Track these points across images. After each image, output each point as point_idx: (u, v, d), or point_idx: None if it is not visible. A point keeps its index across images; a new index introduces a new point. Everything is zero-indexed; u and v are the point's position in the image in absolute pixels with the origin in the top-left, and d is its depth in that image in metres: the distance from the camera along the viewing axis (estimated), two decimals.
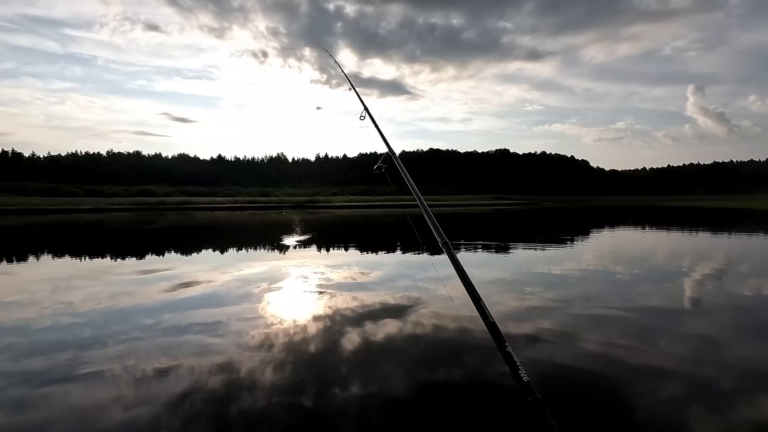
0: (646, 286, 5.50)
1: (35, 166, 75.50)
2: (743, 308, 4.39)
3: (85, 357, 3.03)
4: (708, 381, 2.65)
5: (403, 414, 2.26)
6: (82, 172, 73.03)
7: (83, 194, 51.27)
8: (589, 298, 4.78)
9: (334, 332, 3.57)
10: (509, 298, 4.76)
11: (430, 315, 4.05)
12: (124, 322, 3.95)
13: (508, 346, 0.78)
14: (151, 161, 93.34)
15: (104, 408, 2.31)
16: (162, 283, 5.64)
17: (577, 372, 2.76)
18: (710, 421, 2.21)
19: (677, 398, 2.43)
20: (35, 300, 4.86)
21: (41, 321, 4.00)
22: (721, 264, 7.41)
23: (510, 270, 6.88)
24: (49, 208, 32.85)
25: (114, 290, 5.30)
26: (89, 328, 3.75)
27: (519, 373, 0.74)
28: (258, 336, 3.47)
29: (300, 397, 2.43)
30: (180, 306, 4.52)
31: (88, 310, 4.36)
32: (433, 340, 3.39)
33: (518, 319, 3.89)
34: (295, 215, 26.97)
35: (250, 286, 5.48)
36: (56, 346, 3.29)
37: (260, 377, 2.69)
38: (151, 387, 2.56)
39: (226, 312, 4.23)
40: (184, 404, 2.34)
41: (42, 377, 2.71)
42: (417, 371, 2.79)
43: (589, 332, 3.53)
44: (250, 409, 2.29)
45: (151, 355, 3.07)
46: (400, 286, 5.46)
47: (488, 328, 0.85)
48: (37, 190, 48.75)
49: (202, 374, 2.73)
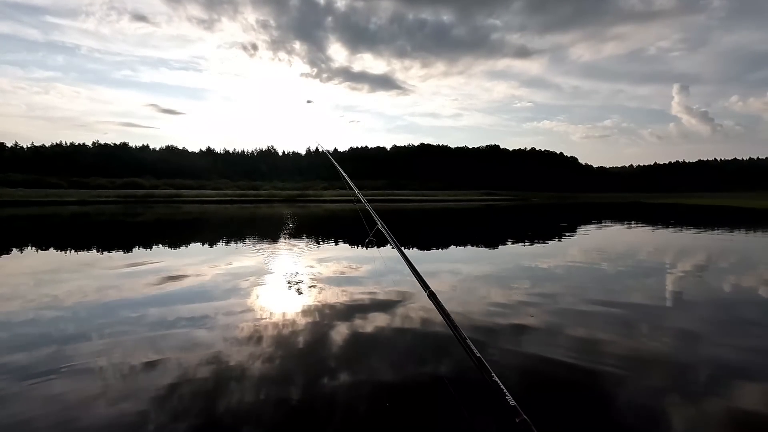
0: (622, 281, 5.60)
1: (17, 156, 73.64)
2: (719, 303, 4.51)
3: (69, 351, 3.00)
4: (686, 374, 2.72)
5: (391, 406, 2.28)
6: (67, 163, 71.44)
7: (67, 186, 50.21)
8: (564, 293, 4.86)
9: (323, 325, 3.58)
10: (492, 292, 4.81)
11: (418, 308, 4.07)
12: (110, 315, 3.90)
13: (494, 375, 0.86)
14: (139, 153, 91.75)
15: (89, 403, 2.28)
16: (149, 277, 5.58)
17: (557, 366, 2.81)
18: (687, 412, 2.27)
19: (657, 391, 2.49)
20: (17, 293, 4.78)
21: (24, 314, 3.93)
22: (699, 261, 7.57)
23: (493, 265, 6.95)
24: (33, 200, 32.15)
25: (100, 284, 5.23)
26: (73, 322, 3.70)
27: (506, 399, 0.81)
28: (246, 329, 3.46)
29: (287, 390, 2.43)
30: (167, 300, 4.47)
31: (72, 303, 4.30)
32: (421, 333, 3.42)
33: (491, 316, 3.94)
34: (285, 209, 26.81)
35: (239, 279, 5.45)
36: (39, 340, 3.24)
37: (248, 370, 2.69)
38: (137, 381, 2.54)
39: (214, 306, 4.20)
40: (171, 398, 2.33)
41: (24, 372, 2.67)
42: (405, 364, 2.81)
43: (569, 326, 3.59)
44: (237, 403, 2.29)
45: (137, 349, 3.04)
46: (389, 280, 5.48)
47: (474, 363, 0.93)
48: (20, 181, 47.58)
49: (189, 368, 2.71)
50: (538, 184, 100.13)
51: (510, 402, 0.80)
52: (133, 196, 39.66)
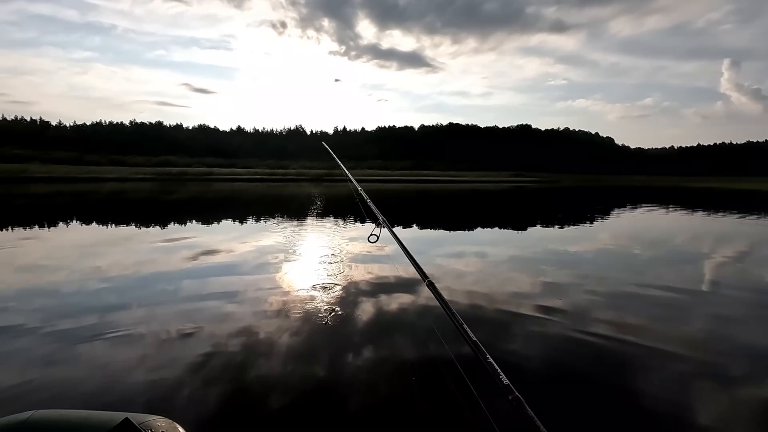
0: (654, 267, 5.40)
1: (61, 135, 77.31)
2: (759, 292, 4.30)
3: (112, 319, 3.19)
4: (715, 364, 2.63)
5: (412, 382, 2.32)
6: (105, 142, 74.50)
7: (107, 163, 52.48)
8: (592, 277, 4.74)
9: (347, 303, 3.65)
10: (517, 276, 4.76)
11: (442, 288, 4.08)
12: (148, 287, 4.11)
13: (489, 357, 0.92)
14: (172, 131, 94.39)
15: (129, 368, 2.44)
16: (183, 251, 5.81)
17: (580, 346, 2.77)
18: (714, 401, 2.20)
19: (681, 379, 2.43)
20: (64, 265, 5.08)
21: (70, 285, 4.19)
22: (740, 248, 7.20)
23: (520, 248, 6.85)
24: (76, 177, 33.83)
25: (138, 257, 5.49)
26: (115, 293, 3.92)
27: (500, 378, 0.86)
28: (274, 304, 3.58)
29: (311, 362, 2.52)
30: (200, 273, 4.66)
31: (113, 275, 4.54)
32: (442, 313, 3.44)
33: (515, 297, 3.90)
34: (312, 188, 27.13)
35: (268, 256, 5.60)
36: (84, 308, 3.46)
37: (275, 343, 2.79)
38: (173, 349, 2.69)
39: (244, 281, 4.35)
40: (204, 367, 2.45)
41: (72, 337, 2.86)
42: (428, 342, 2.85)
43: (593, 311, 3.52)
44: (265, 373, 2.39)
45: (173, 319, 3.20)
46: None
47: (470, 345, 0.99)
48: (63, 159, 50.06)
49: (220, 339, 2.84)
50: (570, 166, 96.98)
51: (504, 381, 0.85)
52: (168, 174, 41.06)
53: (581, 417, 2.07)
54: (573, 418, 2.05)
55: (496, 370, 0.88)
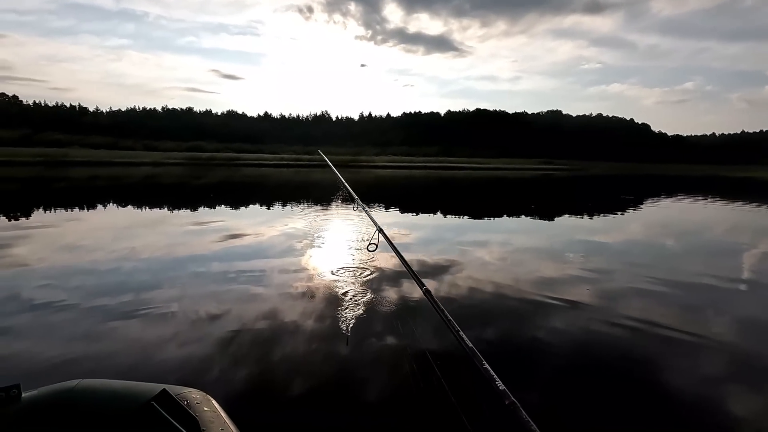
0: (686, 260, 5.19)
1: (98, 120, 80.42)
2: None
3: (145, 297, 3.34)
4: (744, 361, 2.53)
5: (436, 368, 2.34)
6: (139, 127, 77.02)
7: (141, 148, 54.35)
8: (619, 270, 4.60)
9: (370, 289, 3.69)
10: (542, 265, 4.68)
11: (466, 277, 4.07)
12: (179, 268, 4.27)
13: (485, 363, 0.95)
14: (202, 117, 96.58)
15: (162, 344, 2.56)
16: (212, 235, 5.99)
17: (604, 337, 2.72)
18: (739, 402, 2.12)
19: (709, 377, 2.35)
20: (100, 245, 5.33)
21: (106, 264, 4.40)
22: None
23: (547, 238, 6.71)
24: (112, 161, 35.23)
25: (169, 240, 5.70)
26: (148, 273, 4.10)
27: (496, 384, 0.88)
28: (299, 287, 3.65)
29: (334, 345, 2.57)
30: (229, 256, 4.80)
31: (147, 256, 4.74)
32: (465, 302, 3.44)
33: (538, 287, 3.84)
34: None
35: (293, 240, 5.71)
36: (119, 286, 3.63)
37: (300, 325, 2.86)
38: (203, 328, 2.80)
39: (271, 264, 4.45)
40: (232, 345, 2.54)
41: (109, 313, 3.02)
42: (442, 332, 2.85)
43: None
44: (290, 354, 2.46)
45: (203, 299, 3.33)
46: (434, 249, 5.49)
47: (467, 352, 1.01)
48: (100, 144, 52.16)
49: (248, 320, 2.94)
50: (603, 154, 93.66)
51: (499, 386, 0.87)
52: (198, 159, 42.16)
53: (607, 406, 2.04)
54: (599, 408, 2.02)
55: (492, 376, 0.91)
